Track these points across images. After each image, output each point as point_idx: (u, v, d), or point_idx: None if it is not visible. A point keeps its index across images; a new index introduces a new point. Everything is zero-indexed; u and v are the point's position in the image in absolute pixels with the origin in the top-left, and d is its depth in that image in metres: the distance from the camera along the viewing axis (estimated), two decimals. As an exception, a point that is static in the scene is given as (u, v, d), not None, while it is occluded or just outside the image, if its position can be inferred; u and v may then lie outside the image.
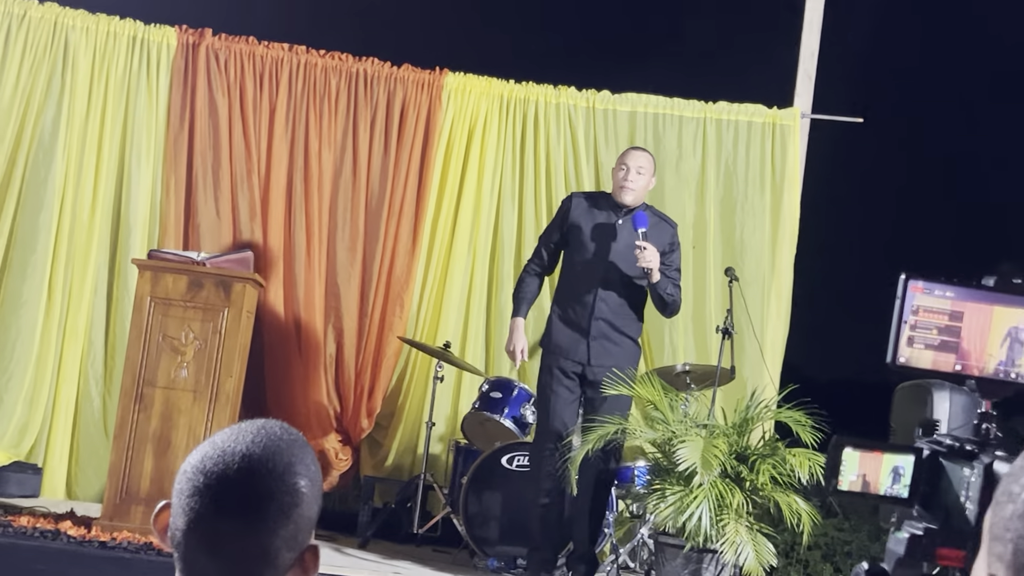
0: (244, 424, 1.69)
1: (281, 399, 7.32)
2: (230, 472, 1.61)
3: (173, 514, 1.65)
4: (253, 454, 1.63)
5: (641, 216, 5.80)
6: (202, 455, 1.64)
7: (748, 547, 5.21)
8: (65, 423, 7.05)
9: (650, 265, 5.68)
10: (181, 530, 1.62)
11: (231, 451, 1.63)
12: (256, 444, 1.64)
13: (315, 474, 1.68)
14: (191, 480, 1.63)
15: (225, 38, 7.37)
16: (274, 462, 1.63)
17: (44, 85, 7.15)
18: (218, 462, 1.62)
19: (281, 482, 1.63)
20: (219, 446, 1.65)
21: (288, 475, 1.63)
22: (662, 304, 5.88)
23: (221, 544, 1.61)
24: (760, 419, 5.67)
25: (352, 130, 7.46)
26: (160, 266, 5.81)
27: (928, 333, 2.53)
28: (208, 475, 1.62)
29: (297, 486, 1.64)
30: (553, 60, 8.83)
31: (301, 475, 1.65)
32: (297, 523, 1.64)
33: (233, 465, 1.62)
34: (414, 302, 7.50)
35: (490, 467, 6.34)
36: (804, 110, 7.55)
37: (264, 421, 1.69)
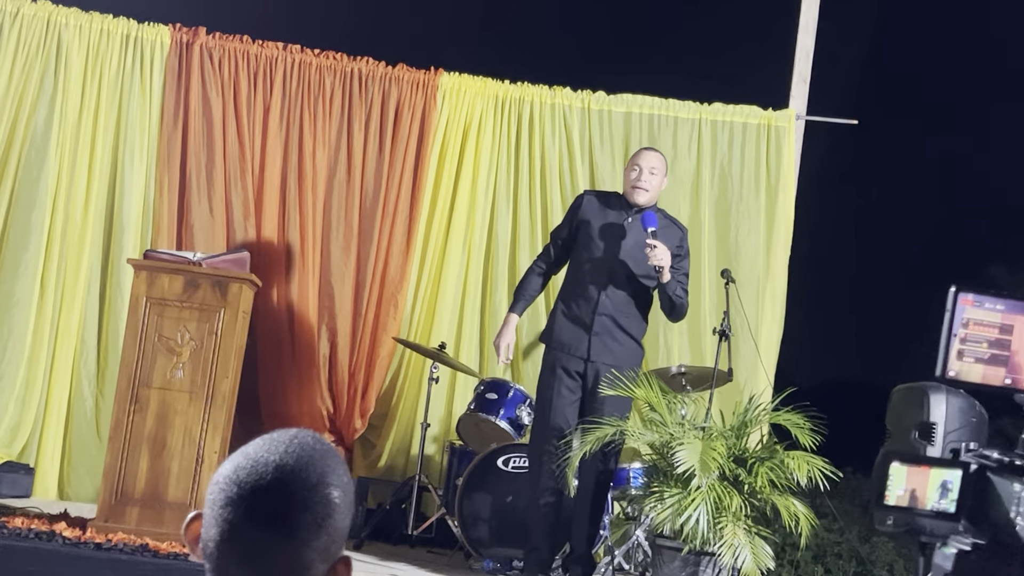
0: (276, 434, 1.67)
1: (274, 399, 7.30)
2: (264, 483, 1.60)
3: (205, 524, 1.63)
4: (286, 464, 1.61)
5: (650, 215, 5.79)
6: (235, 465, 1.63)
7: (746, 550, 5.21)
8: (57, 423, 7.02)
9: (662, 263, 5.67)
10: (214, 541, 1.61)
11: (264, 461, 1.62)
12: (289, 454, 1.63)
13: (347, 484, 1.67)
14: (224, 491, 1.61)
15: (219, 37, 7.34)
16: (307, 473, 1.62)
17: (37, 83, 7.11)
18: (251, 472, 1.61)
19: (315, 493, 1.61)
20: (252, 456, 1.63)
21: (321, 486, 1.62)
22: (670, 306, 5.86)
23: (255, 556, 1.59)
24: (758, 422, 5.67)
25: (347, 130, 7.44)
26: (156, 266, 5.77)
27: (978, 347, 2.52)
28: (242, 485, 1.60)
29: (330, 497, 1.63)
30: (548, 60, 8.82)
31: (334, 485, 1.64)
32: (331, 534, 1.62)
33: (267, 476, 1.60)
34: (408, 302, 7.48)
35: (486, 468, 6.33)
36: (799, 112, 7.56)
37: (296, 431, 1.68)
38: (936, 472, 2.38)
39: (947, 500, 2.38)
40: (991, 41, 10.08)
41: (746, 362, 7.12)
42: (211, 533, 1.61)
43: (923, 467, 2.36)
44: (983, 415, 5.62)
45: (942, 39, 10.76)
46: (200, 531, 1.65)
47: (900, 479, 2.36)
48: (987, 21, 9.91)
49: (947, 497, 2.38)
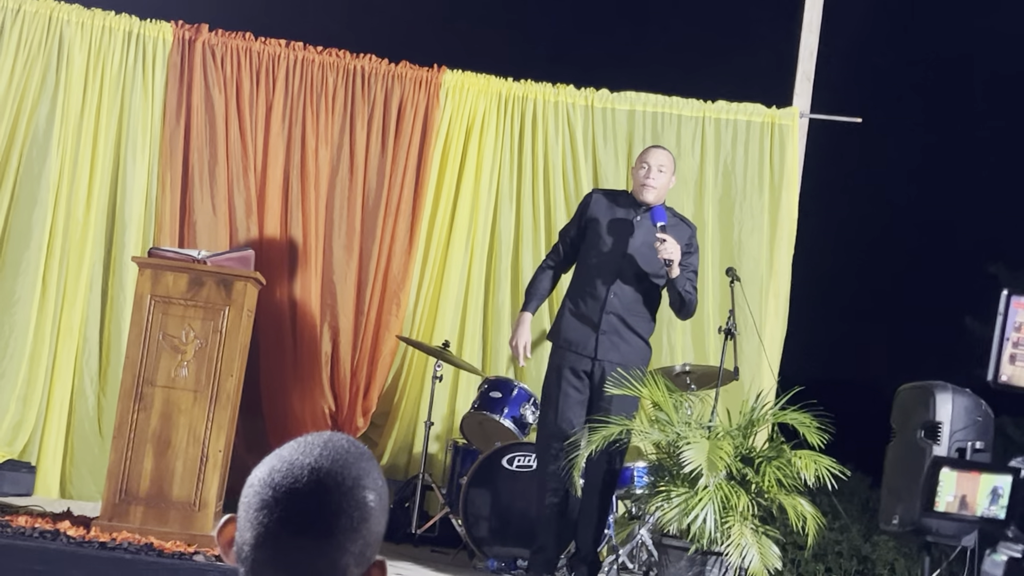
0: (310, 436, 1.66)
1: (276, 397, 7.28)
2: (299, 486, 1.58)
3: (240, 528, 1.61)
4: (322, 468, 1.60)
5: (659, 210, 5.78)
6: (269, 468, 1.62)
7: (753, 549, 5.20)
8: (59, 421, 6.99)
9: (671, 257, 5.66)
10: (249, 544, 1.59)
11: (299, 464, 1.60)
12: (324, 458, 1.61)
13: (382, 488, 1.65)
14: (259, 494, 1.60)
15: (221, 34, 7.31)
16: (343, 476, 1.60)
17: (39, 80, 7.08)
18: (287, 476, 1.59)
19: (350, 497, 1.60)
20: (287, 459, 1.61)
21: (357, 489, 1.61)
22: (679, 302, 5.84)
23: (290, 560, 1.58)
24: (765, 421, 5.65)
25: (349, 127, 7.42)
26: (160, 264, 5.74)
27: None
28: (277, 489, 1.59)
29: (366, 500, 1.61)
30: (551, 58, 8.80)
31: (369, 489, 1.62)
32: (366, 538, 1.61)
33: (302, 479, 1.59)
34: (411, 301, 7.46)
35: (490, 467, 6.32)
36: (803, 110, 7.55)
37: (331, 434, 1.66)
38: (986, 478, 2.36)
39: (997, 506, 2.36)
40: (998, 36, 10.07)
41: (750, 360, 7.11)
42: (246, 537, 1.60)
43: (973, 473, 2.34)
44: (989, 414, 5.62)
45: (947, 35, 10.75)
46: (234, 535, 1.63)
47: (950, 485, 2.33)
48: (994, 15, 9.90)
49: (997, 503, 2.36)
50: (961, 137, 11.15)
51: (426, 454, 6.83)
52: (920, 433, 5.61)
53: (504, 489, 6.30)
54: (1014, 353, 2.49)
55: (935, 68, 11.17)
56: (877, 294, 11.78)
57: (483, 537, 6.28)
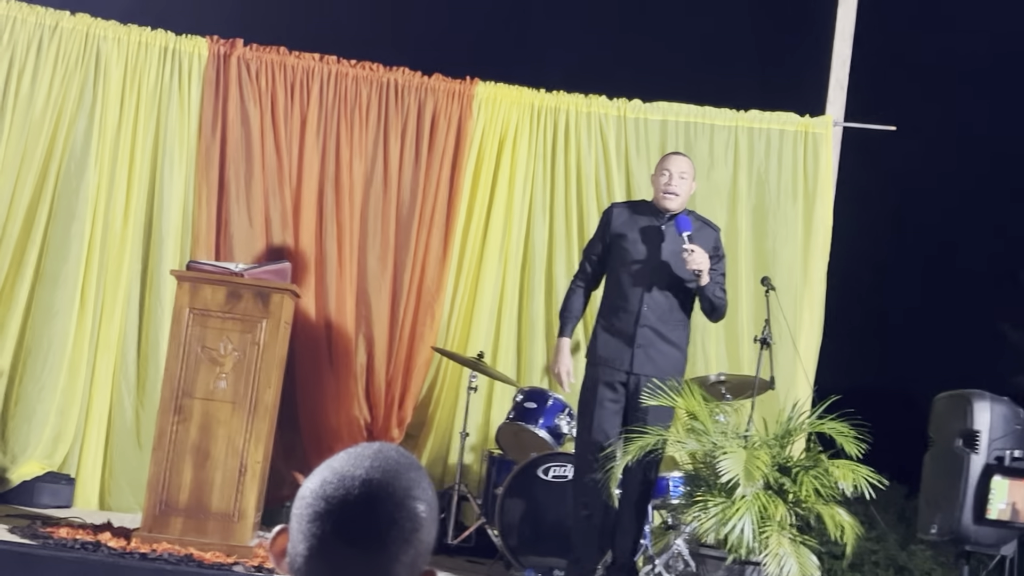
0: (360, 447, 1.68)
1: (312, 409, 7.31)
2: (351, 498, 1.60)
3: (292, 540, 1.63)
4: (373, 479, 1.61)
5: (684, 220, 5.78)
6: (321, 479, 1.63)
7: (791, 559, 5.18)
8: (98, 434, 7.05)
9: (700, 267, 5.66)
10: (303, 556, 1.61)
11: (351, 476, 1.62)
12: (375, 469, 1.63)
13: (432, 498, 1.67)
14: (311, 505, 1.62)
15: (256, 48, 7.37)
16: (394, 487, 1.62)
17: (76, 96, 7.15)
18: (339, 487, 1.61)
19: (402, 507, 1.61)
20: (338, 471, 1.63)
21: (408, 500, 1.62)
22: (711, 307, 5.84)
23: (344, 571, 1.59)
24: (802, 430, 5.64)
25: (383, 140, 7.46)
26: (198, 277, 5.80)
27: None
28: (329, 500, 1.60)
29: (417, 510, 1.63)
30: (584, 69, 8.81)
31: (420, 499, 1.64)
32: (417, 548, 1.62)
33: (354, 490, 1.60)
34: (445, 312, 7.49)
35: (526, 477, 6.32)
36: (836, 118, 7.54)
37: (380, 444, 1.68)
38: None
39: (1050, 514, 2.36)
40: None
41: (786, 370, 7.09)
42: (299, 548, 1.61)
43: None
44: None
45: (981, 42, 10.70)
46: (286, 546, 1.65)
47: (1002, 493, 2.33)
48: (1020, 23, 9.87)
49: (1050, 510, 2.36)
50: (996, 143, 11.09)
51: (461, 465, 6.85)
52: (958, 442, 5.60)
53: (540, 499, 6.31)
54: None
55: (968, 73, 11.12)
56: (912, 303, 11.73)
57: (519, 547, 6.28)
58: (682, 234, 5.71)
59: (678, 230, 5.75)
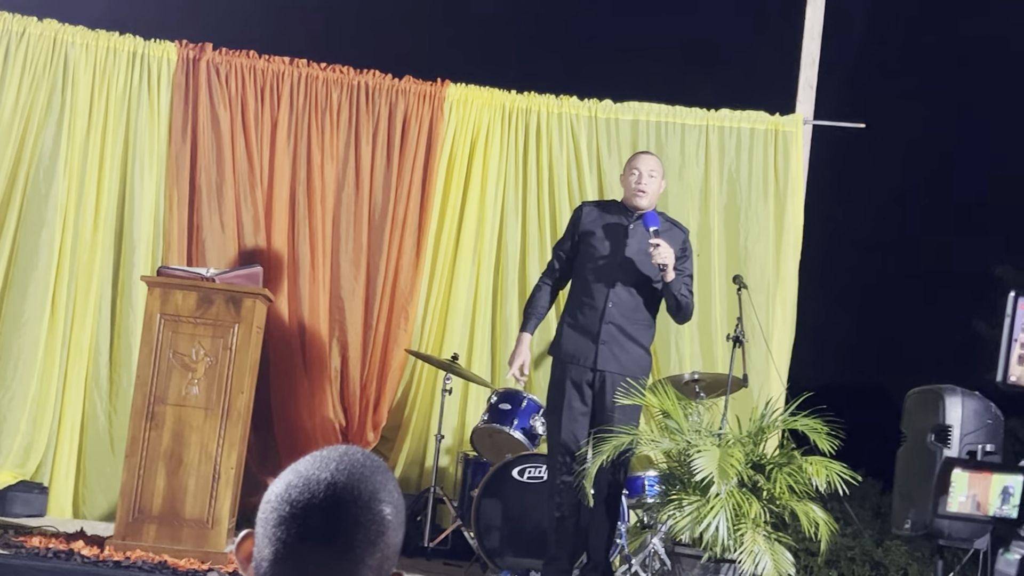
0: (326, 451, 1.67)
1: (286, 413, 7.29)
2: (316, 501, 1.60)
3: (258, 544, 1.63)
4: (338, 482, 1.61)
5: (651, 215, 5.79)
6: (286, 484, 1.63)
7: (766, 556, 5.20)
8: (71, 442, 7.01)
9: (665, 261, 5.67)
10: (268, 560, 1.61)
11: (316, 479, 1.62)
12: (340, 472, 1.62)
13: (398, 500, 1.67)
14: (276, 510, 1.61)
15: (225, 52, 7.34)
16: (359, 490, 1.62)
17: (44, 102, 7.11)
18: (303, 491, 1.61)
19: (367, 510, 1.61)
20: (303, 474, 1.63)
21: (373, 503, 1.62)
22: (676, 307, 5.85)
23: (309, 575, 1.59)
24: (775, 427, 5.66)
25: (354, 143, 7.44)
26: (169, 283, 5.77)
27: None
28: (294, 504, 1.60)
29: (383, 514, 1.62)
30: (554, 70, 8.82)
31: (385, 502, 1.63)
32: (384, 551, 1.62)
33: (319, 494, 1.60)
34: (419, 314, 7.48)
35: (501, 479, 6.32)
36: (806, 116, 7.57)
37: (346, 448, 1.68)
38: (998, 478, 2.37)
39: (1009, 505, 2.37)
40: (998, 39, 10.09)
41: (759, 367, 7.12)
42: (264, 552, 1.61)
43: (985, 473, 2.34)
44: (999, 417, 5.61)
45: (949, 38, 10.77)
46: (251, 550, 1.64)
47: (962, 486, 2.34)
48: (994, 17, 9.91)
49: (1009, 503, 2.37)
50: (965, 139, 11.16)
51: (437, 467, 6.84)
52: (930, 437, 5.61)
53: (515, 500, 6.30)
54: (1022, 354, 2.50)
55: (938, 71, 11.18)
56: (884, 299, 11.79)
57: (495, 549, 6.28)
58: (648, 229, 5.73)
59: (645, 225, 5.77)
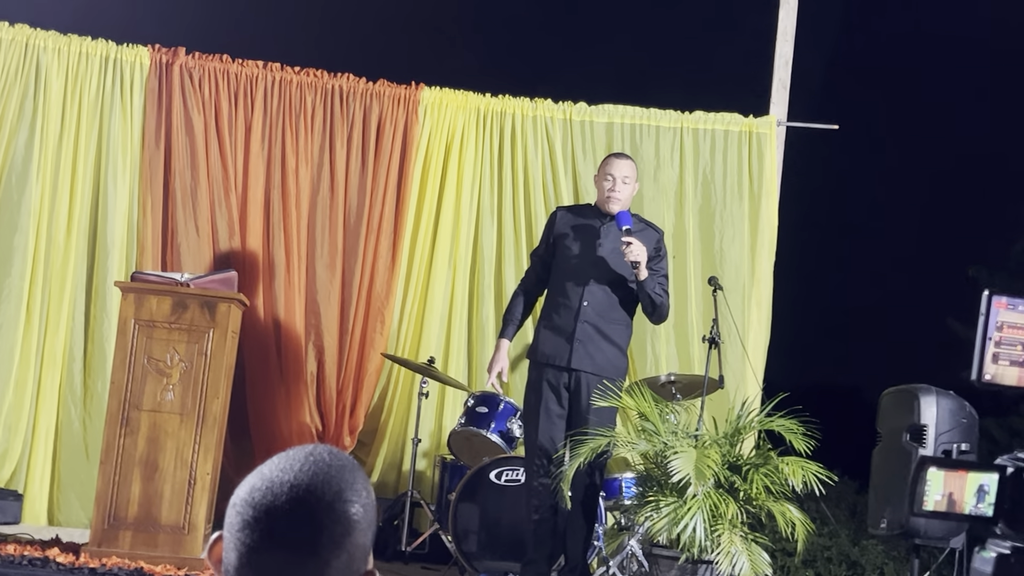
0: (292, 451, 1.65)
1: (262, 418, 7.27)
2: (278, 504, 1.58)
3: (225, 548, 1.62)
4: (301, 484, 1.59)
5: (623, 214, 5.82)
6: (250, 487, 1.62)
7: (743, 557, 5.21)
8: (46, 448, 6.96)
9: (637, 259, 5.68)
10: (234, 565, 1.59)
11: (279, 481, 1.60)
12: (304, 473, 1.61)
13: (367, 499, 1.64)
14: (240, 514, 1.60)
15: (199, 56, 7.32)
16: (323, 490, 1.60)
17: (16, 107, 7.07)
18: (266, 494, 1.59)
19: (331, 511, 1.59)
20: (266, 477, 1.61)
21: (338, 503, 1.60)
22: (651, 306, 5.86)
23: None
24: (751, 428, 5.67)
25: (329, 146, 7.43)
26: (143, 288, 5.74)
27: (1013, 349, 2.51)
28: (257, 508, 1.59)
29: (348, 514, 1.61)
30: (529, 73, 8.83)
31: (352, 502, 1.61)
32: (351, 552, 1.61)
33: (281, 496, 1.58)
34: (395, 318, 7.46)
35: (478, 482, 6.32)
36: (780, 118, 7.59)
37: (312, 447, 1.66)
38: (973, 476, 2.37)
39: (984, 504, 2.38)
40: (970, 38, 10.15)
41: (735, 369, 7.13)
42: (230, 557, 1.60)
43: (960, 471, 2.35)
44: (974, 416, 5.65)
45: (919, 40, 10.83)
46: (223, 554, 1.64)
47: (938, 484, 2.35)
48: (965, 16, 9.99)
49: (984, 501, 2.38)
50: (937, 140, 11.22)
51: (414, 471, 6.83)
52: (906, 436, 5.64)
53: (493, 503, 6.30)
54: (996, 352, 2.51)
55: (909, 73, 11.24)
56: (859, 300, 11.84)
57: (473, 552, 6.27)
58: (621, 227, 5.76)
59: (618, 224, 5.79)
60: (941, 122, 11.18)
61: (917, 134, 11.25)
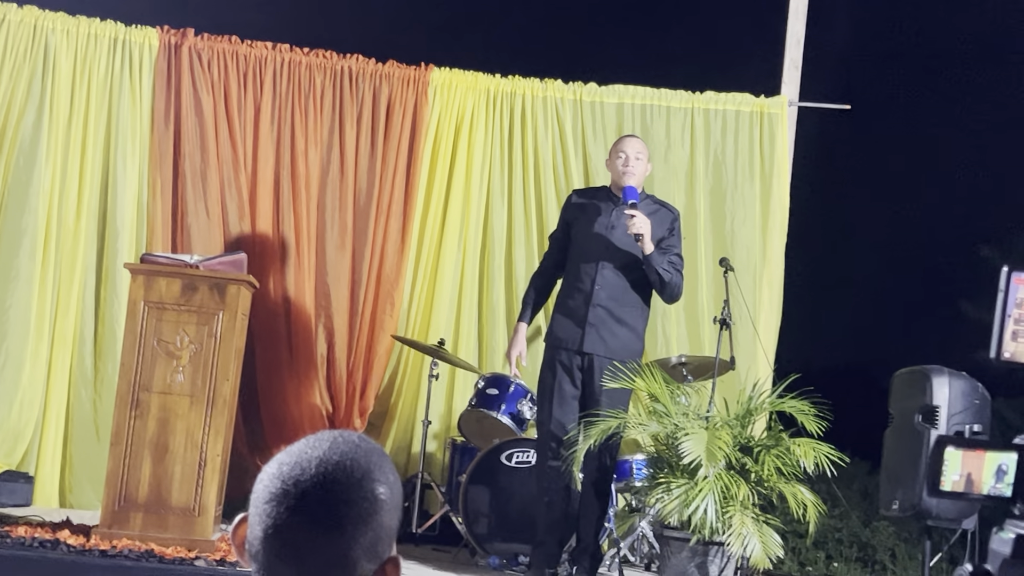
0: (321, 433, 1.67)
1: (273, 400, 7.27)
2: (306, 477, 1.59)
3: (251, 523, 1.63)
4: (330, 460, 1.61)
5: (630, 190, 5.80)
6: (279, 463, 1.63)
7: (754, 538, 5.20)
8: (56, 430, 6.97)
9: (640, 231, 5.66)
10: (259, 538, 1.60)
11: (307, 457, 1.61)
12: (333, 451, 1.62)
13: (394, 483, 1.66)
14: (268, 487, 1.61)
15: (208, 38, 7.29)
16: (351, 468, 1.61)
17: (25, 88, 7.06)
18: (294, 468, 1.61)
19: (359, 488, 1.60)
20: (295, 454, 1.63)
21: (366, 481, 1.61)
22: (660, 283, 5.82)
23: (299, 552, 1.58)
24: (763, 410, 5.65)
25: (338, 128, 7.40)
26: (153, 270, 5.73)
27: None
28: (285, 481, 1.60)
29: (375, 492, 1.62)
30: (539, 53, 8.78)
31: (379, 482, 1.63)
32: (376, 532, 1.61)
33: (309, 470, 1.60)
34: (405, 300, 7.45)
35: (489, 464, 6.31)
36: (791, 98, 7.55)
37: (341, 430, 1.68)
38: (991, 456, 2.35)
39: (1003, 484, 2.35)
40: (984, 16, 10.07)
41: (746, 350, 7.11)
42: (256, 531, 1.61)
43: (978, 451, 2.33)
44: (986, 396, 5.62)
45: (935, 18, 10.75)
46: (247, 534, 1.64)
47: (955, 464, 2.32)
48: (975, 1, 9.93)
49: (1003, 481, 2.35)
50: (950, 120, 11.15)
51: (424, 453, 6.83)
52: (918, 417, 5.62)
53: (503, 485, 6.30)
54: (1016, 330, 2.48)
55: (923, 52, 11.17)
56: (870, 280, 11.79)
57: (484, 534, 6.27)
58: (627, 202, 5.73)
59: (624, 199, 5.77)
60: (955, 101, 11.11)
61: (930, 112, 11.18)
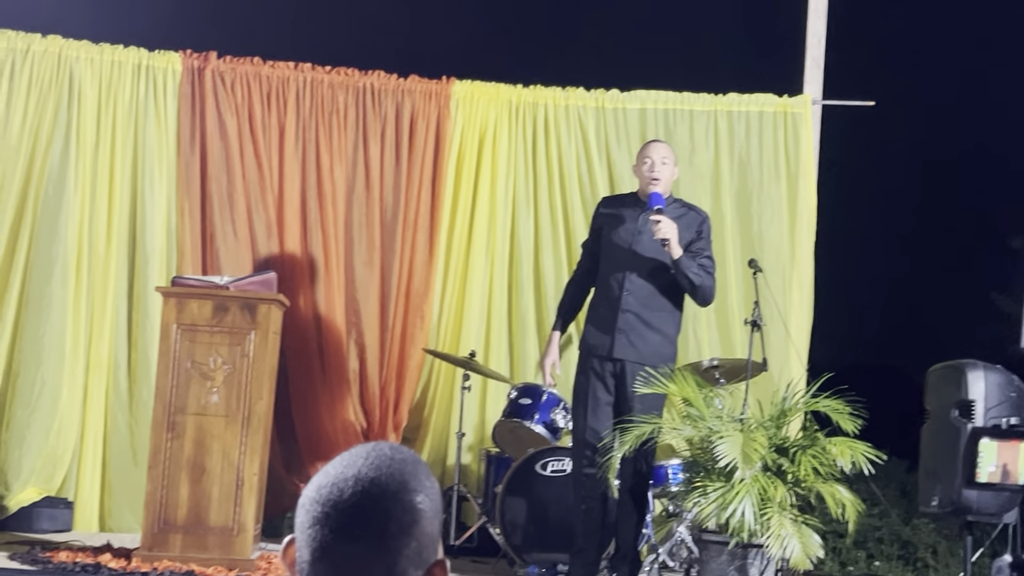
0: (355, 449, 1.70)
1: (307, 418, 7.29)
2: (344, 497, 1.63)
3: (297, 547, 1.66)
4: (366, 477, 1.64)
5: (656, 196, 5.78)
6: (317, 485, 1.66)
7: (794, 540, 5.17)
8: (94, 455, 7.01)
9: (666, 236, 5.65)
10: (307, 561, 1.64)
11: (343, 477, 1.65)
12: (368, 467, 1.65)
13: (431, 489, 1.69)
14: (309, 511, 1.64)
15: (230, 60, 7.34)
16: (387, 482, 1.64)
17: (51, 118, 7.12)
18: (332, 490, 1.64)
19: (397, 501, 1.63)
20: (331, 475, 1.66)
21: (403, 492, 1.64)
22: (690, 287, 5.80)
23: (347, 570, 1.62)
24: (797, 410, 5.63)
25: (363, 144, 7.44)
26: (184, 292, 5.78)
27: None
28: (324, 504, 1.63)
29: (414, 503, 1.65)
30: (559, 61, 8.80)
31: (416, 491, 1.65)
32: (419, 540, 1.64)
33: (347, 490, 1.63)
34: (434, 313, 7.47)
35: (525, 474, 6.31)
36: (815, 97, 7.52)
37: (374, 443, 1.71)
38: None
39: (1040, 474, 2.34)
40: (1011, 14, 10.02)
41: (778, 351, 7.08)
42: (303, 555, 1.64)
43: (1013, 442, 2.31)
44: (1022, 388, 5.58)
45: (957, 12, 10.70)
46: (295, 555, 1.67)
47: (991, 455, 2.31)
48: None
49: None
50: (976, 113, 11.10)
51: (459, 465, 6.83)
52: (954, 412, 5.59)
53: (540, 495, 6.30)
54: (1046, 321, 2.46)
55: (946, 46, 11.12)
56: (900, 276, 11.74)
57: (522, 544, 6.27)
58: (653, 208, 5.72)
59: (649, 205, 5.75)
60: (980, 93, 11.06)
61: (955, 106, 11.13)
